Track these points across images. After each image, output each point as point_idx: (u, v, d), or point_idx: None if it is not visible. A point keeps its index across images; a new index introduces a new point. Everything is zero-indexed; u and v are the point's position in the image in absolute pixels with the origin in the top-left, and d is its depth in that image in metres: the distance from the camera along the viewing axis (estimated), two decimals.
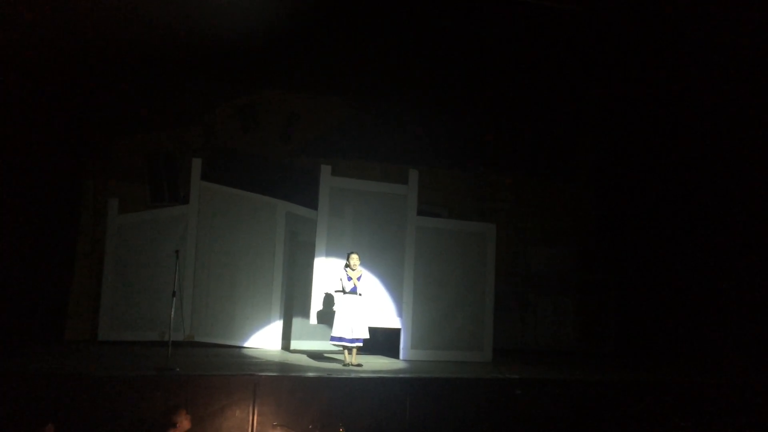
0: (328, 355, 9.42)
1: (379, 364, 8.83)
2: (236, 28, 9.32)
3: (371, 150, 12.15)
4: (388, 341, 9.84)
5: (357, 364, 8.33)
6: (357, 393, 7.11)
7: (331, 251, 9.35)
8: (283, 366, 8.19)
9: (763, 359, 10.03)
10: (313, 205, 9.73)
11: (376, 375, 7.70)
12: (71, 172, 10.63)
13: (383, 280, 9.52)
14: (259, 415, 6.64)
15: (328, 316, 9.14)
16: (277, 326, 9.97)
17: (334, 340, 8.43)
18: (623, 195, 13.20)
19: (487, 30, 9.60)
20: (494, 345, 9.96)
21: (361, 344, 8.48)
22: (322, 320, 9.24)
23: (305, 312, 9.66)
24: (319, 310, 9.22)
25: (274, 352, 9.66)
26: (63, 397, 6.19)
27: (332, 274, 9.13)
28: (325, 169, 9.55)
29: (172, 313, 7.45)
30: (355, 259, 8.61)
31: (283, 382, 6.96)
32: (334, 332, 8.41)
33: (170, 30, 9.49)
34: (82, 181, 10.85)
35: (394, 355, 9.53)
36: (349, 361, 8.35)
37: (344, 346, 8.39)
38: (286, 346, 10.13)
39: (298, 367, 8.06)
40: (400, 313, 9.51)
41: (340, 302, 8.54)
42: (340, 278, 8.60)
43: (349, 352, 8.42)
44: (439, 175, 12.57)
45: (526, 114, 12.98)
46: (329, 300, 9.18)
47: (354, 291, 8.50)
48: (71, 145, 10.55)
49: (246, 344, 9.81)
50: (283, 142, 11.89)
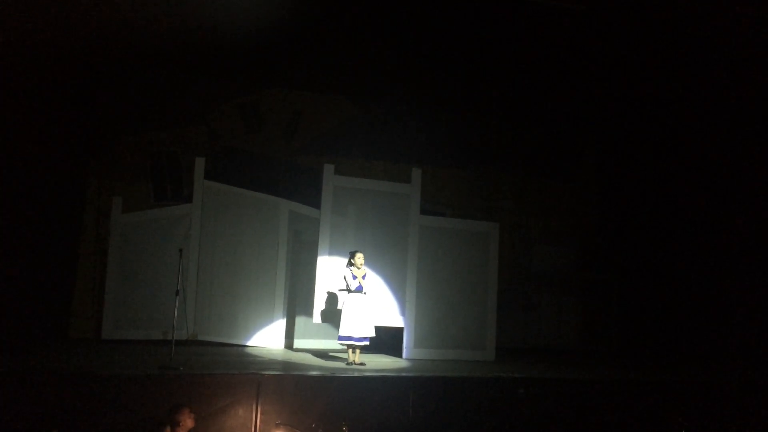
0: (332, 354, 9.43)
1: (383, 362, 8.84)
2: (239, 27, 9.34)
3: (374, 149, 12.16)
4: (391, 340, 9.84)
5: (360, 363, 8.33)
6: (360, 392, 7.12)
7: (334, 250, 9.35)
8: (287, 365, 8.19)
9: (766, 358, 10.02)
10: (316, 203, 9.73)
11: (379, 374, 7.70)
12: (75, 172, 10.66)
13: (386, 279, 9.52)
14: (262, 414, 6.65)
15: (331, 315, 9.14)
16: (280, 325, 9.98)
17: (342, 339, 8.39)
18: (626, 194, 13.19)
19: (490, 29, 9.61)
20: (497, 344, 9.95)
21: (368, 343, 8.49)
22: (325, 319, 9.23)
23: (308, 311, 9.66)
24: (323, 309, 9.21)
25: (278, 350, 9.67)
26: (66, 396, 6.20)
27: (335, 273, 9.12)
28: (328, 168, 9.55)
29: (176, 312, 7.48)
30: (360, 258, 8.59)
31: (287, 381, 6.96)
32: (342, 331, 8.37)
33: (173, 29, 9.51)
34: (85, 180, 10.88)
35: (397, 354, 9.53)
36: (353, 360, 8.35)
37: (352, 345, 8.38)
38: (290, 345, 10.14)
39: (301, 366, 8.07)
40: (403, 312, 9.52)
41: (347, 301, 8.50)
42: (345, 277, 8.57)
43: (353, 351, 8.42)
44: (443, 174, 12.58)
45: (529, 113, 12.97)
46: (332, 299, 9.17)
47: (359, 290, 8.48)
48: (75, 145, 10.58)
49: (249, 343, 9.82)
50: (287, 141, 11.90)
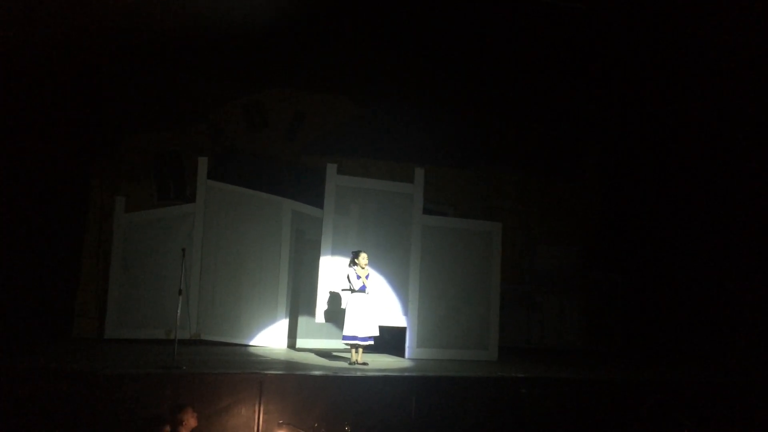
0: (335, 354, 9.43)
1: (385, 362, 8.84)
2: (242, 27, 9.34)
3: (377, 148, 12.15)
4: (393, 340, 9.84)
5: (362, 363, 8.33)
6: (363, 391, 7.12)
7: (337, 250, 9.34)
8: (289, 364, 8.19)
9: None
10: (318, 203, 9.73)
11: (381, 374, 7.70)
12: (78, 171, 10.66)
13: (389, 279, 9.51)
14: (265, 413, 6.65)
15: (334, 315, 9.14)
16: (282, 324, 9.98)
17: (347, 339, 8.38)
18: (628, 194, 13.17)
19: (493, 29, 9.60)
20: (500, 344, 9.94)
21: (373, 342, 8.48)
22: (328, 318, 9.22)
23: (311, 310, 9.67)
24: (325, 309, 9.19)
25: (280, 350, 9.67)
26: (69, 395, 6.21)
27: (338, 273, 9.11)
28: (331, 168, 9.54)
29: (179, 311, 7.47)
30: (364, 258, 8.59)
31: (289, 381, 6.97)
32: (347, 331, 8.36)
33: (177, 29, 9.52)
34: (88, 180, 10.88)
35: (400, 354, 9.53)
36: (355, 359, 8.35)
37: (357, 345, 8.37)
38: (292, 345, 10.13)
39: (304, 366, 8.07)
40: (406, 312, 9.51)
41: (351, 301, 8.49)
42: (348, 277, 8.55)
43: (356, 351, 8.42)
44: (445, 173, 12.57)
45: (532, 113, 12.96)
46: (335, 298, 9.17)
47: (363, 289, 8.47)
48: (78, 145, 10.58)
49: (252, 342, 9.83)
50: (289, 141, 11.89)
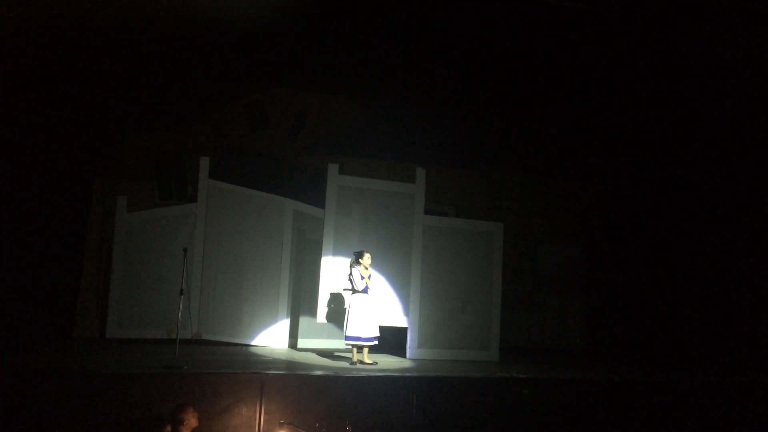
0: (337, 354, 9.43)
1: (386, 362, 8.81)
2: (244, 27, 9.33)
3: (379, 148, 12.14)
4: (394, 340, 9.84)
5: (371, 363, 8.34)
6: (364, 391, 7.10)
7: (339, 250, 9.34)
8: (290, 364, 8.19)
9: None
10: (320, 203, 9.73)
11: (383, 374, 7.68)
12: (80, 171, 10.67)
13: (390, 279, 9.51)
14: (266, 413, 6.65)
15: (335, 315, 9.14)
16: (284, 324, 9.99)
17: (350, 339, 8.38)
18: (630, 194, 13.14)
19: (496, 28, 9.57)
20: (501, 344, 9.93)
21: (377, 342, 8.48)
22: (329, 318, 9.22)
23: (312, 310, 9.66)
24: (327, 309, 9.20)
25: (281, 350, 9.68)
26: (70, 395, 6.20)
27: (340, 273, 9.12)
28: (333, 168, 9.54)
29: (180, 311, 7.48)
30: (368, 259, 8.60)
31: (291, 381, 6.96)
32: (351, 332, 8.37)
33: (178, 28, 9.51)
34: (90, 179, 10.90)
35: (401, 354, 9.53)
36: (357, 359, 8.35)
37: (361, 345, 8.38)
38: (293, 345, 10.13)
39: (305, 366, 8.07)
40: (407, 312, 9.51)
41: (353, 301, 8.50)
42: (352, 277, 8.55)
43: (359, 351, 8.41)
44: (447, 173, 12.57)
45: (534, 113, 12.95)
46: (336, 298, 9.17)
47: (366, 290, 8.50)
48: (80, 144, 10.58)
49: (253, 342, 9.83)
50: (291, 141, 11.90)
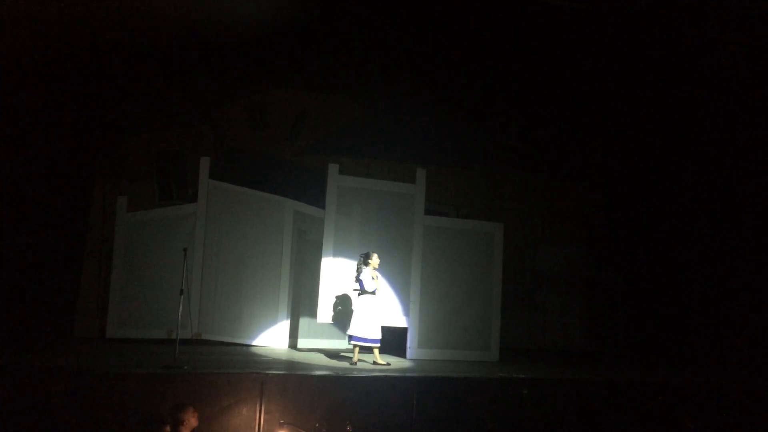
0: (338, 354, 9.43)
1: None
2: (244, 27, 9.33)
3: (379, 149, 12.15)
4: (394, 340, 9.82)
5: (386, 363, 8.36)
6: (364, 392, 7.10)
7: (339, 250, 9.34)
8: (291, 364, 8.19)
9: None
10: (320, 203, 9.72)
11: (383, 374, 7.68)
12: (80, 171, 10.68)
13: (390, 279, 9.50)
14: (266, 413, 6.64)
15: (335, 315, 9.15)
16: (284, 325, 9.98)
17: (355, 339, 8.40)
18: (632, 194, 13.15)
19: (496, 28, 9.58)
20: (501, 344, 9.92)
21: (379, 344, 8.48)
22: (335, 320, 9.24)
23: (312, 310, 9.66)
24: (327, 309, 9.20)
25: (281, 350, 9.67)
26: (70, 394, 6.20)
27: (340, 273, 9.13)
28: (333, 168, 9.54)
29: (180, 311, 7.49)
30: (377, 259, 8.64)
31: (291, 381, 6.95)
32: (356, 332, 8.38)
33: (179, 28, 9.52)
34: (91, 179, 10.90)
35: (401, 354, 9.52)
36: (357, 359, 8.35)
37: (365, 346, 8.38)
38: (294, 345, 10.12)
39: (305, 366, 8.07)
40: (407, 312, 9.50)
41: (361, 302, 8.51)
42: (361, 278, 8.53)
43: (361, 351, 8.43)
44: (447, 174, 12.57)
45: (534, 113, 12.95)
46: (337, 299, 9.18)
47: (375, 291, 8.52)
48: (80, 144, 10.60)
49: (253, 342, 9.82)
50: (291, 141, 11.90)
